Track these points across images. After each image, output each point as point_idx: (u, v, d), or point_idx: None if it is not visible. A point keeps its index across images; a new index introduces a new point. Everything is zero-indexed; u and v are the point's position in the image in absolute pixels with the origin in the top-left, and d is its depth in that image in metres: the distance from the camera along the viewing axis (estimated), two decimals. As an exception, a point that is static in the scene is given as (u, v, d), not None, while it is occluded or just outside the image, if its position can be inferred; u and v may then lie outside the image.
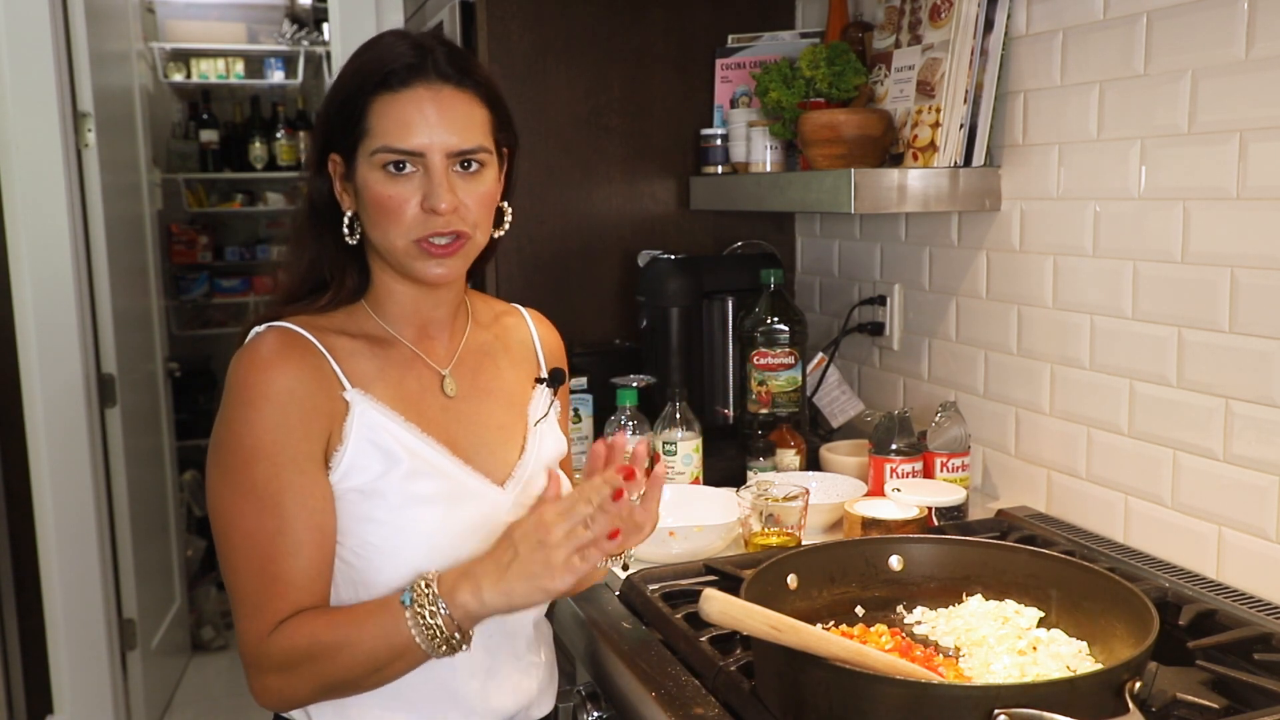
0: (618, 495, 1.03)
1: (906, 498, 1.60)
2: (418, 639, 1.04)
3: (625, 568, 1.36)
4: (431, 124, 1.12)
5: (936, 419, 1.76)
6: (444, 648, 1.05)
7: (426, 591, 1.04)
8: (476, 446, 1.22)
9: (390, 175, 1.12)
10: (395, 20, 3.09)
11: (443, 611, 1.03)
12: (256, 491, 1.08)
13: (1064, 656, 1.10)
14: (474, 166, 1.15)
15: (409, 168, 1.12)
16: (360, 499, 1.12)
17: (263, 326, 1.15)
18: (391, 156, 1.12)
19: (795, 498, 1.52)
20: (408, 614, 1.04)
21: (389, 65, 1.13)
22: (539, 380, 1.32)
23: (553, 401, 1.32)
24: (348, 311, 1.21)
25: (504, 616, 1.14)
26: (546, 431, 1.30)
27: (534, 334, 1.37)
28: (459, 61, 1.15)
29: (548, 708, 1.30)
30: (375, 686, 1.10)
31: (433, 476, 1.15)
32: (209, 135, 4.75)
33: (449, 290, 1.24)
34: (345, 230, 1.18)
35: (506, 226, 1.25)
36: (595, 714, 1.28)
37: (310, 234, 1.20)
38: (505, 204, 1.24)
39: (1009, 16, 1.72)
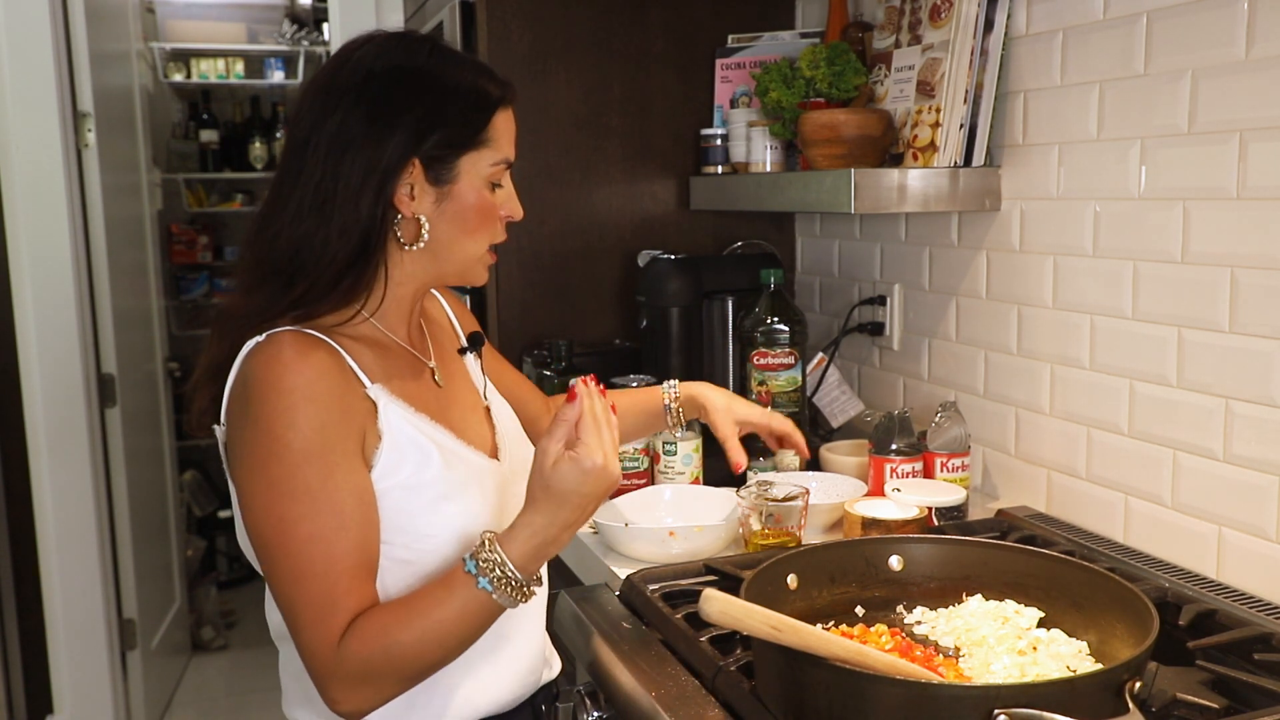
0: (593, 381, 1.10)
1: (906, 498, 1.60)
2: (501, 601, 1.06)
3: None
4: (514, 141, 1.22)
5: (936, 419, 1.76)
6: (521, 600, 1.08)
7: (494, 556, 1.06)
8: (468, 428, 1.25)
9: (493, 187, 1.19)
10: (395, 20, 3.09)
11: (515, 575, 1.06)
12: (312, 492, 1.05)
13: (1064, 656, 1.10)
14: None
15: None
16: (405, 494, 1.12)
17: (262, 336, 1.10)
18: (504, 172, 1.19)
19: (795, 498, 1.52)
20: (494, 594, 1.05)
21: (504, 83, 1.19)
22: (460, 350, 1.35)
23: (480, 365, 1.37)
24: (338, 318, 1.15)
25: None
26: (495, 399, 1.35)
27: (445, 307, 1.40)
28: None
29: (557, 667, 1.35)
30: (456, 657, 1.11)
31: (458, 463, 1.18)
32: (209, 135, 4.75)
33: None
34: (424, 234, 1.16)
35: None
36: (595, 714, 1.28)
37: (354, 237, 1.12)
38: None
39: (1009, 16, 1.72)
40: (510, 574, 1.05)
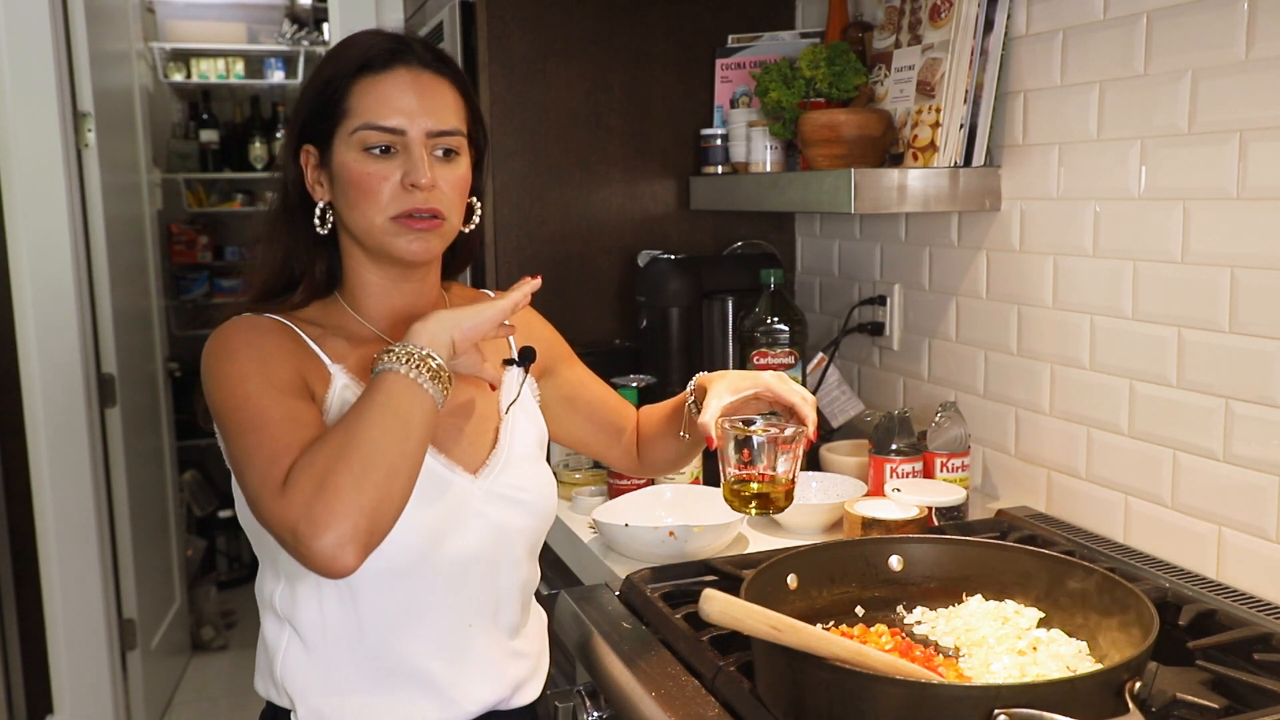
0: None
1: (906, 498, 1.60)
2: (413, 374, 1.05)
3: None
4: (412, 104, 1.17)
5: (936, 419, 1.76)
6: (439, 383, 1.07)
7: (395, 349, 1.07)
8: (454, 437, 1.22)
9: (371, 156, 1.16)
10: (395, 20, 3.09)
11: (419, 350, 1.07)
12: (255, 395, 1.08)
13: (1064, 656, 1.10)
14: (450, 153, 1.19)
15: (390, 149, 1.16)
16: None
17: (236, 318, 1.18)
18: (374, 135, 1.15)
19: (782, 428, 1.25)
20: (402, 368, 1.05)
21: (369, 51, 1.18)
22: (507, 362, 1.32)
23: (524, 380, 1.33)
24: (321, 307, 1.23)
25: (489, 603, 1.22)
26: (520, 417, 1.30)
27: None
28: (435, 51, 1.22)
29: (532, 695, 1.28)
30: (410, 474, 1.05)
31: None
32: (209, 135, 4.76)
33: (424, 282, 1.26)
34: (316, 221, 1.21)
35: (476, 221, 1.29)
36: (595, 714, 1.28)
37: (284, 230, 1.22)
38: (475, 199, 1.27)
39: (1009, 16, 1.72)
40: (415, 350, 1.06)
